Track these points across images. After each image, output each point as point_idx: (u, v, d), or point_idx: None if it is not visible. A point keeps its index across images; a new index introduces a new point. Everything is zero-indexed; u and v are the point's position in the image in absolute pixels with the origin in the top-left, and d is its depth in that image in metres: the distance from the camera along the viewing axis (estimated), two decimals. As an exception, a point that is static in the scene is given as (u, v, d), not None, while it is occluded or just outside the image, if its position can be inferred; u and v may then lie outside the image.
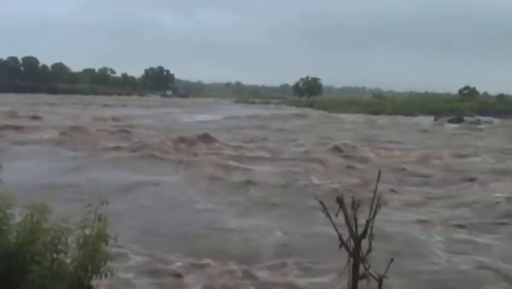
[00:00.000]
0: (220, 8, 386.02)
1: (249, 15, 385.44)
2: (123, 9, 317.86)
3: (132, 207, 10.59)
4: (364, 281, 2.98)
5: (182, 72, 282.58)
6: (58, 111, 44.11)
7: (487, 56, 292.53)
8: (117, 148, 20.00)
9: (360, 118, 51.13)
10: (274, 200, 11.85)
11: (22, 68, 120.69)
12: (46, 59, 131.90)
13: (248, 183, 13.52)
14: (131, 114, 45.03)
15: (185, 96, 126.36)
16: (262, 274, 7.09)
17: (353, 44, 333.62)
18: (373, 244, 2.94)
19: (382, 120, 48.74)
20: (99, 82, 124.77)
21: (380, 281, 2.93)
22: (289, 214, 10.64)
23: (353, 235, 2.92)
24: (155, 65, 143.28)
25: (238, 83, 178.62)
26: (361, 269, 2.95)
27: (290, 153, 20.17)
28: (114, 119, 35.40)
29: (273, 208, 11.21)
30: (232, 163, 16.92)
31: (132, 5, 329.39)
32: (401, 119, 51.52)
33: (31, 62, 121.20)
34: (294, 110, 67.09)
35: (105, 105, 61.69)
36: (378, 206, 2.88)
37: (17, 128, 25.10)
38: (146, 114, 47.22)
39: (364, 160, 18.75)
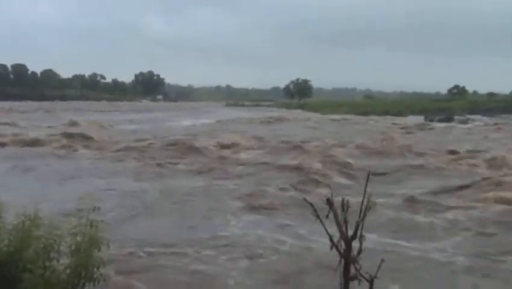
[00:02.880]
0: (210, 12, 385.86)
1: (238, 19, 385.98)
2: (112, 14, 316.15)
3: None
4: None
5: (172, 76, 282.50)
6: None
7: (476, 55, 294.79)
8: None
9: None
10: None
11: (11, 76, 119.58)
12: (35, 66, 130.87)
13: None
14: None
15: (175, 100, 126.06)
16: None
17: (343, 46, 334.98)
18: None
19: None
20: (89, 88, 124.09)
21: (371, 281, 2.95)
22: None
23: (343, 236, 2.93)
24: (145, 70, 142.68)
25: (228, 87, 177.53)
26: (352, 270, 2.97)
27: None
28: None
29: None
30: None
31: (121, 9, 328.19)
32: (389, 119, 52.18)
33: (20, 70, 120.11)
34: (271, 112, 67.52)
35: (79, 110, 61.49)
36: (368, 207, 2.90)
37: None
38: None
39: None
